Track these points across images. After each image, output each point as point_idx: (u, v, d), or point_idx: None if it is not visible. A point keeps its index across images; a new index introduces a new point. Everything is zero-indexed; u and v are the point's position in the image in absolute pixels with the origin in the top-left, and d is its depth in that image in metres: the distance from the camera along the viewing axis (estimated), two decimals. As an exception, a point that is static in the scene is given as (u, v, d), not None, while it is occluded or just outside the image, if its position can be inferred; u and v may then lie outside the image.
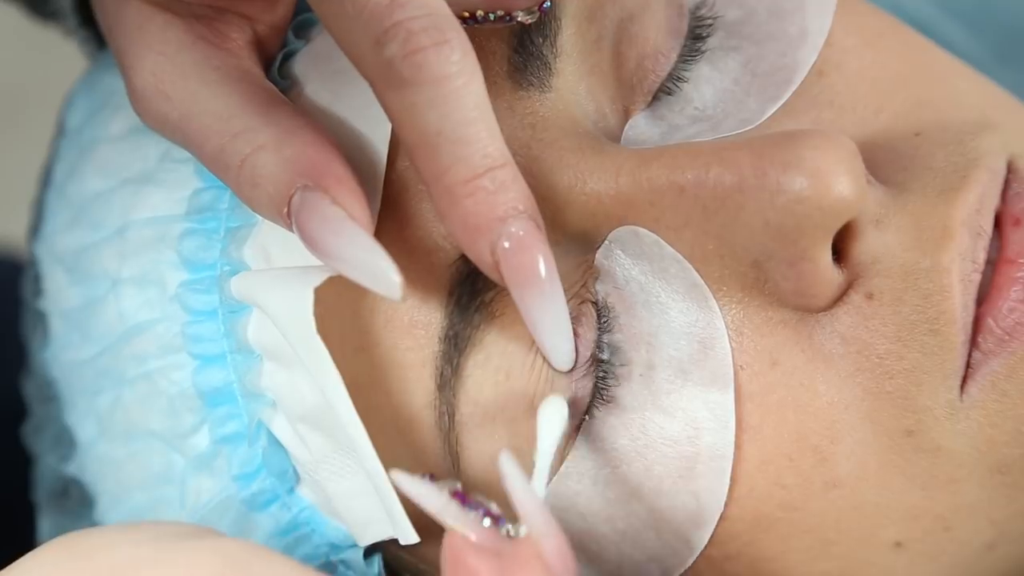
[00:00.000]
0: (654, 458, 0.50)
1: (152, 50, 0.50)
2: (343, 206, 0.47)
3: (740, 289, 0.51)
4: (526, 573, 0.44)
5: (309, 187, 0.48)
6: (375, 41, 0.45)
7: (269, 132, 0.49)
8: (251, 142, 0.49)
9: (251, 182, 0.48)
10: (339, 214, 0.47)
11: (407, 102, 0.45)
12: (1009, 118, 0.54)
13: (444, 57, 0.45)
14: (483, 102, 0.46)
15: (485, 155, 0.46)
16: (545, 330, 0.49)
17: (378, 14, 0.45)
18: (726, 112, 0.53)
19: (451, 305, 0.51)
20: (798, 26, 0.53)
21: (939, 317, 0.50)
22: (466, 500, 0.47)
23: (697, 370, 0.50)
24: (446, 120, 0.45)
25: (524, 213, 0.47)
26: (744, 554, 0.51)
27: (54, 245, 0.58)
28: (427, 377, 0.51)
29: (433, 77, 0.45)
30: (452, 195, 0.46)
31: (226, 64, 0.50)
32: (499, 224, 0.46)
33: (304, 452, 0.53)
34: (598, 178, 0.50)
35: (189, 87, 0.50)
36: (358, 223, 0.47)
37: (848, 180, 0.48)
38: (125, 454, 0.56)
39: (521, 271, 0.47)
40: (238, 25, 0.52)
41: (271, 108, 0.49)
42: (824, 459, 0.50)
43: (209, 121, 0.49)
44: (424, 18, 0.45)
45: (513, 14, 0.50)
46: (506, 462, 0.47)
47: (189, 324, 0.53)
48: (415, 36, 0.45)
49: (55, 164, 0.60)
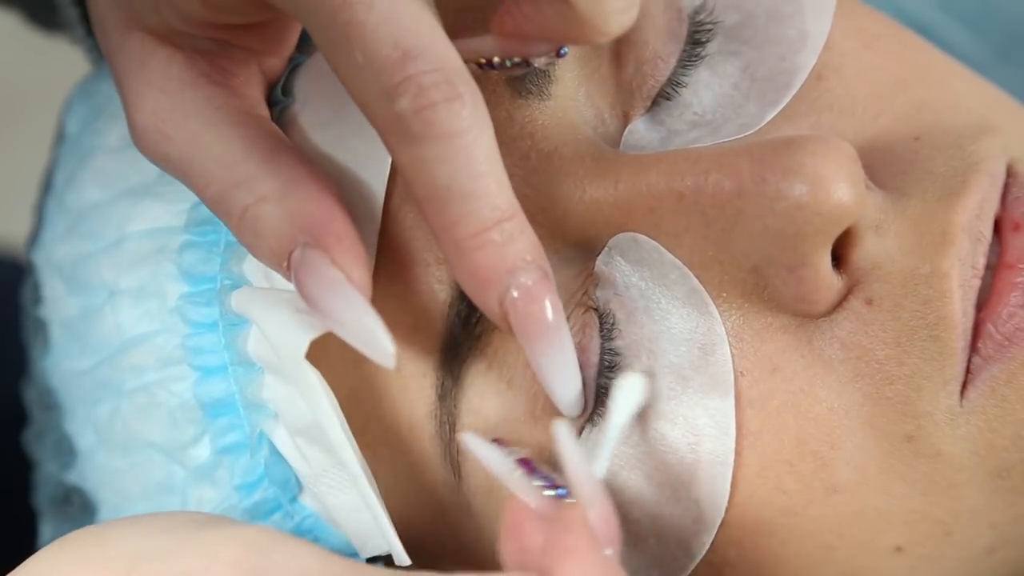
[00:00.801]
0: (655, 464, 0.51)
1: (153, 87, 0.50)
2: (342, 267, 0.47)
3: (740, 295, 0.51)
4: (572, 537, 0.45)
5: (310, 244, 0.47)
6: (386, 94, 0.45)
7: (272, 183, 0.48)
8: (253, 192, 0.48)
9: (253, 231, 0.48)
10: (338, 277, 0.47)
11: (417, 156, 0.45)
12: (1009, 121, 0.54)
13: (455, 112, 0.44)
14: (493, 155, 0.46)
15: (494, 208, 0.46)
16: (554, 379, 0.49)
17: (389, 67, 0.44)
18: (725, 117, 0.53)
19: (451, 315, 0.51)
20: (797, 30, 0.53)
21: (939, 322, 0.49)
22: (533, 468, 0.48)
23: (697, 376, 0.50)
24: (456, 175, 0.45)
25: (532, 263, 0.46)
26: (745, 560, 0.51)
27: (52, 253, 0.58)
28: (427, 387, 0.51)
29: (444, 133, 0.44)
30: (461, 248, 0.46)
31: (229, 104, 0.50)
32: (507, 276, 0.46)
33: (304, 465, 0.53)
34: (597, 185, 0.50)
35: (190, 128, 0.49)
36: (356, 286, 0.47)
37: (847, 186, 0.48)
38: (125, 465, 0.56)
39: (529, 321, 0.47)
40: (242, 60, 0.51)
41: (274, 155, 0.49)
42: (824, 464, 0.50)
43: (211, 167, 0.49)
44: (435, 72, 0.44)
45: (530, 60, 0.50)
46: (561, 430, 0.47)
47: (189, 336, 0.53)
48: (426, 91, 0.44)
49: (55, 170, 0.60)
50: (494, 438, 0.50)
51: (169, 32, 0.50)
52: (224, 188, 0.49)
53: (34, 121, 1.00)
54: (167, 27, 0.49)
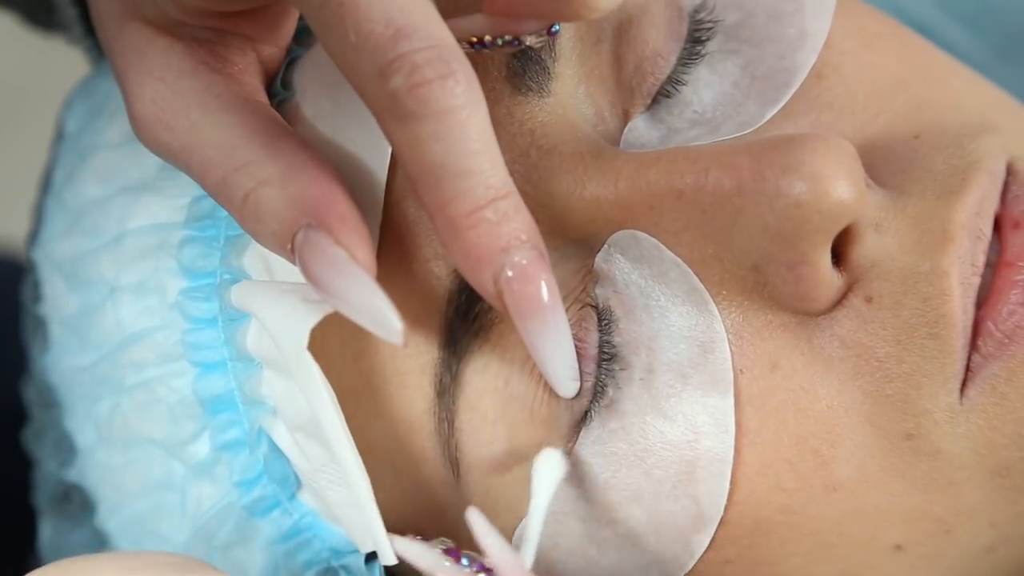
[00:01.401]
0: (654, 462, 0.51)
1: (152, 76, 0.50)
2: (346, 247, 0.47)
3: (740, 293, 0.51)
4: None
5: (313, 226, 0.47)
6: (379, 73, 0.45)
7: (273, 167, 0.48)
8: (255, 176, 0.48)
9: (255, 217, 0.48)
10: (342, 256, 0.47)
11: (411, 134, 0.45)
12: (1009, 120, 0.54)
13: (448, 90, 0.44)
14: (487, 133, 0.45)
15: (488, 186, 0.45)
16: (549, 359, 0.49)
17: (382, 45, 0.45)
18: (725, 115, 0.53)
19: (450, 312, 0.51)
20: (797, 28, 0.53)
21: (939, 320, 0.49)
22: (459, 556, 0.49)
23: (697, 374, 0.50)
24: (449, 153, 0.45)
25: (527, 243, 0.46)
26: (744, 558, 0.51)
27: (52, 251, 0.58)
28: (426, 384, 0.51)
29: (437, 110, 0.44)
30: (455, 227, 0.46)
31: (228, 91, 0.50)
32: (502, 255, 0.46)
33: (303, 460, 0.53)
34: (597, 183, 0.50)
35: (191, 117, 0.49)
36: (361, 265, 0.47)
37: (847, 184, 0.48)
38: (124, 461, 0.56)
39: (524, 300, 0.47)
40: (240, 48, 0.51)
41: (275, 140, 0.49)
42: (824, 463, 0.50)
43: (211, 153, 0.49)
44: (429, 50, 0.44)
45: (521, 38, 0.50)
46: (476, 520, 0.48)
47: (189, 332, 0.53)
48: (420, 69, 0.44)
49: (54, 169, 0.60)
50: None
51: (167, 22, 0.50)
52: (225, 174, 0.49)
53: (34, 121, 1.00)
54: (165, 17, 0.50)
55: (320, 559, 0.55)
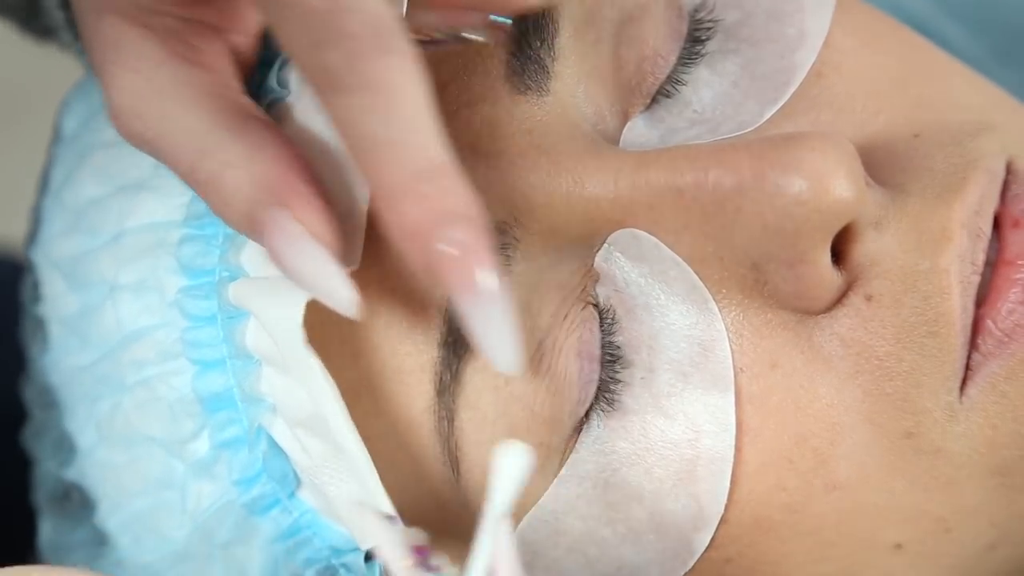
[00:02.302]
0: (654, 461, 0.51)
1: (127, 68, 0.50)
2: (303, 222, 0.47)
3: (739, 291, 0.51)
4: None
5: (275, 204, 0.47)
6: (316, 45, 0.44)
7: (236, 149, 0.48)
8: (218, 159, 0.48)
9: (221, 200, 0.48)
10: (297, 230, 0.47)
11: (347, 106, 0.44)
12: (1008, 119, 0.54)
13: (384, 64, 0.44)
14: (424, 107, 0.44)
15: (424, 158, 0.44)
16: (483, 335, 0.45)
17: (319, 17, 0.44)
18: (725, 115, 0.53)
19: (451, 310, 0.51)
20: (797, 28, 0.53)
21: (938, 319, 0.50)
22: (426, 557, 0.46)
23: (697, 373, 0.50)
24: (384, 125, 0.44)
25: (463, 216, 0.44)
26: (744, 556, 0.51)
27: (51, 251, 0.58)
28: (426, 382, 0.51)
29: (373, 83, 0.44)
30: (389, 199, 0.45)
31: (200, 80, 0.50)
32: (435, 228, 0.44)
33: (304, 457, 0.53)
34: (596, 182, 0.50)
35: (163, 106, 0.49)
36: (317, 239, 0.47)
37: (847, 182, 0.48)
38: (125, 460, 0.56)
39: (457, 276, 0.44)
40: (211, 38, 0.51)
41: (241, 124, 0.49)
42: (824, 461, 0.50)
43: (181, 139, 0.49)
44: (365, 24, 0.44)
45: (463, 34, 0.50)
46: None
47: (188, 330, 0.53)
48: (355, 40, 0.44)
49: (52, 170, 0.60)
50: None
51: (139, 11, 0.50)
52: (193, 160, 0.48)
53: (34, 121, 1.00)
54: (136, 6, 0.50)
55: (320, 557, 0.55)
